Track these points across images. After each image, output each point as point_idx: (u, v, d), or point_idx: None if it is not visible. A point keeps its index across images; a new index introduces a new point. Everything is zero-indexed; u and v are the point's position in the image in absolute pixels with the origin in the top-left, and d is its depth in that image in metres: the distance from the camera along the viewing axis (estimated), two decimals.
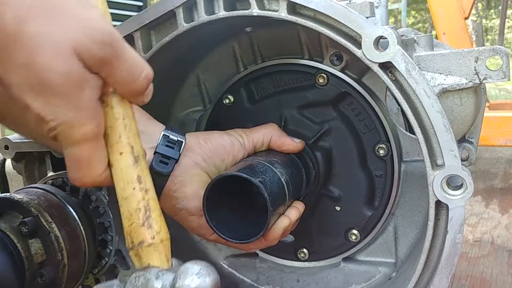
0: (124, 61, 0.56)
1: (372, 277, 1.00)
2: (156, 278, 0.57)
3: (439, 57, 0.80)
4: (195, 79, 1.09)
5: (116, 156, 0.59)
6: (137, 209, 0.59)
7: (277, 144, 0.90)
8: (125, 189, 0.59)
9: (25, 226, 0.83)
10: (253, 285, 1.10)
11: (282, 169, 0.83)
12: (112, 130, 0.59)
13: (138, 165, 0.60)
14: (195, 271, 0.55)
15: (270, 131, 0.90)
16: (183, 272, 0.55)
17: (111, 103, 0.59)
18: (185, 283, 0.54)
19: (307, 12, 0.77)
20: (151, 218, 0.60)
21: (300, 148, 0.92)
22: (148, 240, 0.59)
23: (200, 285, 0.54)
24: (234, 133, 0.88)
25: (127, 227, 0.60)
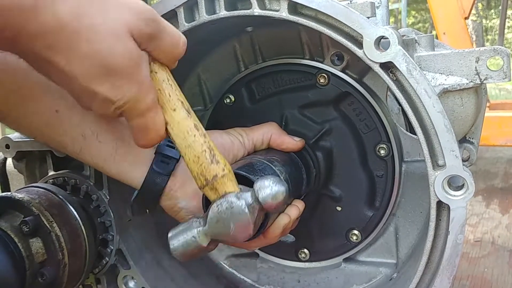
0: (166, 32, 0.64)
1: (373, 278, 1.00)
2: (238, 198, 0.67)
3: (440, 57, 0.80)
4: (196, 79, 1.09)
5: (171, 113, 0.67)
6: (202, 151, 0.68)
7: (277, 142, 0.90)
8: (186, 138, 0.68)
9: (26, 225, 0.83)
10: (254, 285, 1.10)
11: (282, 167, 0.83)
12: (161, 92, 0.66)
13: (191, 115, 0.69)
14: (270, 182, 0.67)
15: (270, 129, 0.91)
16: (260, 186, 0.67)
17: (154, 69, 0.65)
18: (266, 192, 0.66)
19: (308, 12, 0.77)
20: (216, 155, 0.69)
21: (300, 147, 0.92)
22: (220, 172, 0.69)
23: (279, 189, 0.66)
24: (234, 132, 0.88)
25: (197, 168, 0.68)
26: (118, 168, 0.80)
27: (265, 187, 0.66)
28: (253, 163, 0.80)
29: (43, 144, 0.96)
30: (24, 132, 0.95)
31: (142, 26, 0.59)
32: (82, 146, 0.78)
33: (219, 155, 0.70)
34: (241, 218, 0.67)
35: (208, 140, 0.69)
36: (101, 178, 0.98)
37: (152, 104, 0.64)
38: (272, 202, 0.66)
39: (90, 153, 0.79)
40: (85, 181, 0.98)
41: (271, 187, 0.66)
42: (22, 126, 0.81)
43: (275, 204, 0.66)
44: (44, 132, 0.78)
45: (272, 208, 0.67)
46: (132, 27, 0.58)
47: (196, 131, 0.68)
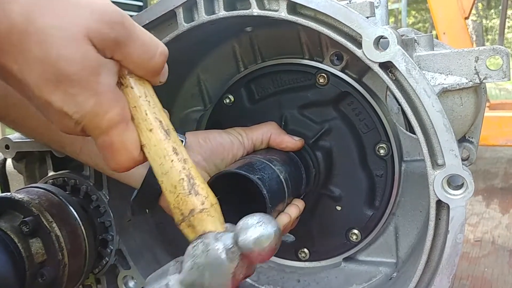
0: (138, 39, 0.56)
1: (373, 277, 1.00)
2: (216, 240, 0.55)
3: (439, 56, 0.80)
4: (196, 79, 1.09)
5: (146, 133, 0.59)
6: (180, 179, 0.59)
7: (276, 142, 0.90)
8: (163, 163, 0.59)
9: (25, 225, 0.83)
10: (254, 285, 1.10)
11: (281, 167, 0.83)
12: (137, 110, 0.59)
13: (171, 138, 0.60)
14: (255, 222, 0.55)
15: (269, 129, 0.91)
16: (242, 226, 0.55)
17: (130, 83, 0.58)
18: (247, 235, 0.54)
19: (307, 12, 0.77)
20: (196, 185, 0.59)
21: (299, 146, 0.92)
22: (198, 206, 0.58)
23: (263, 232, 0.54)
24: (233, 131, 0.88)
25: (174, 200, 0.59)
26: None
27: (248, 229, 0.54)
28: (252, 163, 0.80)
29: (43, 144, 0.96)
30: (24, 132, 0.95)
31: (105, 29, 0.53)
32: (82, 146, 0.78)
33: (201, 185, 0.60)
34: (218, 265, 0.54)
35: (189, 167, 0.60)
36: (100, 178, 0.98)
37: (117, 120, 0.56)
38: (255, 249, 0.53)
39: (90, 153, 0.79)
40: (85, 181, 0.98)
41: (254, 228, 0.54)
42: (22, 126, 0.81)
43: (258, 252, 0.54)
44: (43, 132, 0.78)
45: (256, 257, 0.54)
46: (91, 30, 0.52)
47: (175, 155, 0.59)
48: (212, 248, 0.55)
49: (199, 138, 0.85)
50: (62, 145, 0.80)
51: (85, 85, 0.53)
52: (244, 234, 0.54)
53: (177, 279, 0.56)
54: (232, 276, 0.54)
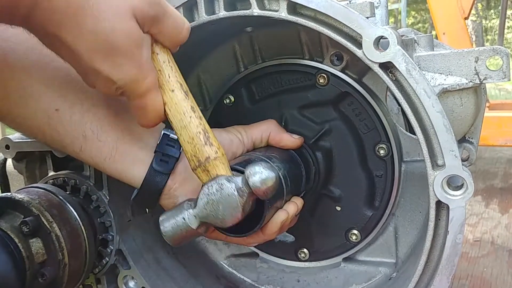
0: (170, 16, 0.65)
1: (372, 277, 1.00)
2: (228, 181, 0.68)
3: (439, 57, 0.80)
4: (196, 79, 1.09)
5: (169, 93, 0.68)
6: (197, 132, 0.70)
7: (276, 140, 0.91)
8: (183, 119, 0.69)
9: (26, 225, 0.83)
10: (254, 285, 1.10)
11: (280, 164, 0.83)
12: (161, 73, 0.68)
13: (189, 98, 0.70)
14: (261, 168, 0.67)
15: (269, 127, 0.91)
16: (250, 171, 0.67)
17: (156, 50, 0.67)
18: (256, 177, 0.67)
19: (308, 12, 0.77)
20: (210, 138, 0.71)
21: (298, 144, 0.92)
22: (213, 155, 0.70)
23: (268, 175, 0.67)
24: (233, 130, 0.89)
25: (191, 149, 0.70)
26: (118, 167, 0.80)
27: (255, 172, 0.67)
28: (251, 159, 0.80)
29: (44, 144, 0.96)
30: (24, 132, 0.95)
31: (146, 8, 0.61)
32: (83, 146, 0.78)
33: (214, 138, 0.71)
34: (230, 200, 0.68)
35: (204, 122, 0.71)
36: (101, 178, 0.98)
37: (151, 86, 0.66)
38: (261, 187, 0.67)
39: (91, 152, 0.79)
40: (85, 181, 0.98)
41: (261, 172, 0.67)
42: (23, 126, 0.81)
43: (264, 189, 0.67)
44: (44, 132, 0.78)
45: (261, 193, 0.67)
46: (135, 8, 0.60)
47: (193, 112, 0.70)
48: (226, 187, 0.68)
49: None
50: (63, 145, 0.80)
51: (130, 56, 0.62)
52: (253, 176, 0.67)
53: (192, 212, 0.70)
54: (242, 209, 0.68)
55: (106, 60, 0.61)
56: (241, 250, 1.11)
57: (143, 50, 0.63)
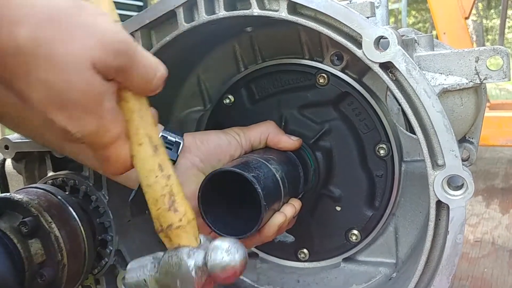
0: (139, 66, 0.57)
1: (372, 278, 1.00)
2: (188, 257, 0.61)
3: (439, 57, 0.80)
4: (196, 79, 1.09)
5: (136, 147, 0.62)
6: (161, 195, 0.62)
7: (274, 141, 0.90)
8: (149, 177, 0.62)
9: (25, 226, 0.83)
10: (253, 285, 1.10)
11: (278, 166, 0.83)
12: (130, 123, 0.61)
13: (158, 154, 0.63)
14: (225, 248, 0.60)
15: (267, 128, 0.90)
16: (213, 249, 0.60)
17: (126, 97, 0.60)
18: (216, 259, 0.59)
19: (308, 12, 0.77)
20: (176, 203, 0.63)
21: (297, 146, 0.92)
22: (175, 223, 0.62)
23: (230, 261, 0.59)
24: (231, 131, 0.88)
25: (154, 212, 0.63)
26: None
27: (217, 253, 0.60)
28: (248, 161, 0.80)
29: (42, 145, 0.96)
30: (22, 133, 0.95)
31: (109, 59, 0.54)
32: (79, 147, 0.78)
33: (181, 202, 0.63)
34: (187, 278, 0.60)
35: (172, 183, 0.63)
36: (100, 179, 0.98)
37: (115, 138, 0.59)
38: (221, 275, 0.59)
39: (87, 154, 0.78)
40: (84, 182, 0.98)
41: (223, 255, 0.59)
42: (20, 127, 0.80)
43: (223, 277, 0.60)
44: (42, 133, 0.78)
45: (221, 281, 0.60)
46: (96, 59, 0.53)
47: (160, 172, 0.62)
48: (184, 263, 0.60)
49: (197, 139, 0.84)
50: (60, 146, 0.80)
51: (88, 110, 0.55)
52: (214, 258, 0.59)
53: (154, 276, 0.63)
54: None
55: (62, 112, 0.54)
56: None
57: (105, 102, 0.56)
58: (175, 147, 0.79)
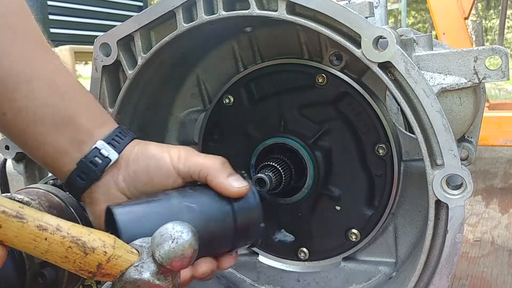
0: None
1: (372, 277, 1.00)
2: (140, 273, 0.56)
3: (438, 56, 0.81)
4: (195, 79, 1.09)
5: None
6: (67, 248, 0.55)
7: (212, 184, 0.74)
8: (39, 246, 0.54)
9: None
10: (254, 284, 1.10)
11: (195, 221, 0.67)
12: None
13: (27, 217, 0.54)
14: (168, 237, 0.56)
15: (210, 166, 0.74)
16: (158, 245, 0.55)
17: None
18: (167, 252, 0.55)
19: (307, 12, 0.78)
20: (87, 243, 0.56)
21: (237, 195, 0.74)
22: (103, 258, 0.56)
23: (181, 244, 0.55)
24: (173, 152, 0.76)
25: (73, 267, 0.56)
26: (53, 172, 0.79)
27: (163, 245, 0.55)
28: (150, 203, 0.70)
29: None
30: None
31: None
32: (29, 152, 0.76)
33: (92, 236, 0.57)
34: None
35: (67, 229, 0.56)
36: None
37: None
38: (179, 261, 0.55)
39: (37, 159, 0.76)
40: None
41: (169, 244, 0.55)
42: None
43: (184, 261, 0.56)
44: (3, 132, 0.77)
45: (182, 264, 0.56)
46: None
47: (45, 232, 0.54)
48: (141, 282, 0.55)
49: (132, 153, 0.75)
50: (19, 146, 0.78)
51: None
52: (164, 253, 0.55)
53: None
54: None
55: None
56: (241, 250, 1.11)
57: None
58: (103, 163, 0.74)
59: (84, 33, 4.16)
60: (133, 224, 0.67)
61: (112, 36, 0.88)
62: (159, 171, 0.73)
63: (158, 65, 0.93)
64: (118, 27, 0.88)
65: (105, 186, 0.75)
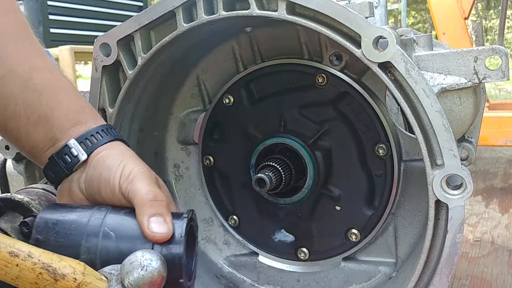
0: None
1: (372, 277, 1.00)
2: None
3: (438, 57, 0.80)
4: (195, 79, 1.09)
5: None
6: (38, 275, 0.55)
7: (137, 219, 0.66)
8: (10, 272, 0.54)
9: (25, 226, 0.83)
10: (254, 285, 1.10)
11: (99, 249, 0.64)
12: None
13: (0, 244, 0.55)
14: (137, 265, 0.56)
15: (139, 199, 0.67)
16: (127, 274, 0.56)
17: None
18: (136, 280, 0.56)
19: (307, 12, 0.78)
20: (57, 269, 0.56)
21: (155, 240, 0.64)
22: (73, 286, 0.56)
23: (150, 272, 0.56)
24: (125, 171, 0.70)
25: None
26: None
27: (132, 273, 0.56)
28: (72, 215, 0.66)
29: None
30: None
31: None
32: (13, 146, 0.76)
33: (62, 263, 0.57)
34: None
35: (39, 256, 0.56)
36: None
37: None
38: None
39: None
40: None
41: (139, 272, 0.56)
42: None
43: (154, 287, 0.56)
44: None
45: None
46: None
47: (16, 258, 0.54)
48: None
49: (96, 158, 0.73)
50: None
51: None
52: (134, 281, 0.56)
53: None
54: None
55: None
56: (241, 250, 1.12)
57: None
58: (71, 162, 0.73)
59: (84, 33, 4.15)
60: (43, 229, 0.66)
61: (112, 36, 0.88)
62: (107, 184, 0.70)
63: (158, 65, 0.93)
64: (118, 27, 0.88)
65: (70, 183, 0.75)
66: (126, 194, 0.68)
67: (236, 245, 1.12)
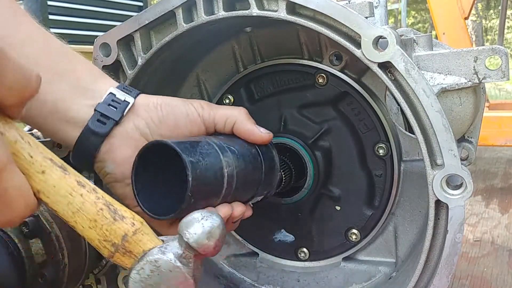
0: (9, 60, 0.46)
1: (372, 277, 1.00)
2: (163, 253, 0.53)
3: (438, 56, 0.81)
4: (195, 79, 1.09)
5: (39, 177, 0.52)
6: (98, 210, 0.54)
7: (239, 131, 0.80)
8: (72, 201, 0.53)
9: (26, 226, 0.83)
10: (254, 284, 1.10)
11: (233, 161, 0.73)
12: (18, 155, 0.50)
13: (70, 172, 0.54)
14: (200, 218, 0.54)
15: (236, 115, 0.80)
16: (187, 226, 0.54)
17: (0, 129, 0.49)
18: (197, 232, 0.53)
19: (307, 12, 0.78)
20: (118, 210, 0.55)
21: (264, 140, 0.81)
22: (130, 229, 0.55)
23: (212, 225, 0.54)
24: (196, 103, 0.79)
25: (98, 234, 0.54)
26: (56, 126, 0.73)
27: (193, 226, 0.54)
28: (198, 143, 0.70)
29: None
30: None
31: None
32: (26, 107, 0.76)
33: (122, 208, 0.56)
34: (175, 276, 0.53)
35: (102, 194, 0.55)
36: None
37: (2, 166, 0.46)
38: (210, 244, 0.54)
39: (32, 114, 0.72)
40: None
41: (201, 224, 0.54)
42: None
43: (214, 245, 0.54)
44: None
45: (212, 250, 0.54)
46: None
47: (82, 188, 0.54)
48: (163, 262, 0.53)
49: (151, 102, 0.76)
50: None
51: None
52: (194, 233, 0.53)
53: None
54: (193, 279, 0.54)
55: None
56: (241, 250, 1.11)
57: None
58: (121, 106, 0.73)
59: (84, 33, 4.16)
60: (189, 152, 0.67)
61: (112, 36, 0.88)
62: (187, 118, 0.76)
63: (158, 65, 0.93)
64: (118, 27, 0.88)
65: (126, 131, 0.73)
66: (211, 120, 0.78)
67: (236, 245, 1.12)
